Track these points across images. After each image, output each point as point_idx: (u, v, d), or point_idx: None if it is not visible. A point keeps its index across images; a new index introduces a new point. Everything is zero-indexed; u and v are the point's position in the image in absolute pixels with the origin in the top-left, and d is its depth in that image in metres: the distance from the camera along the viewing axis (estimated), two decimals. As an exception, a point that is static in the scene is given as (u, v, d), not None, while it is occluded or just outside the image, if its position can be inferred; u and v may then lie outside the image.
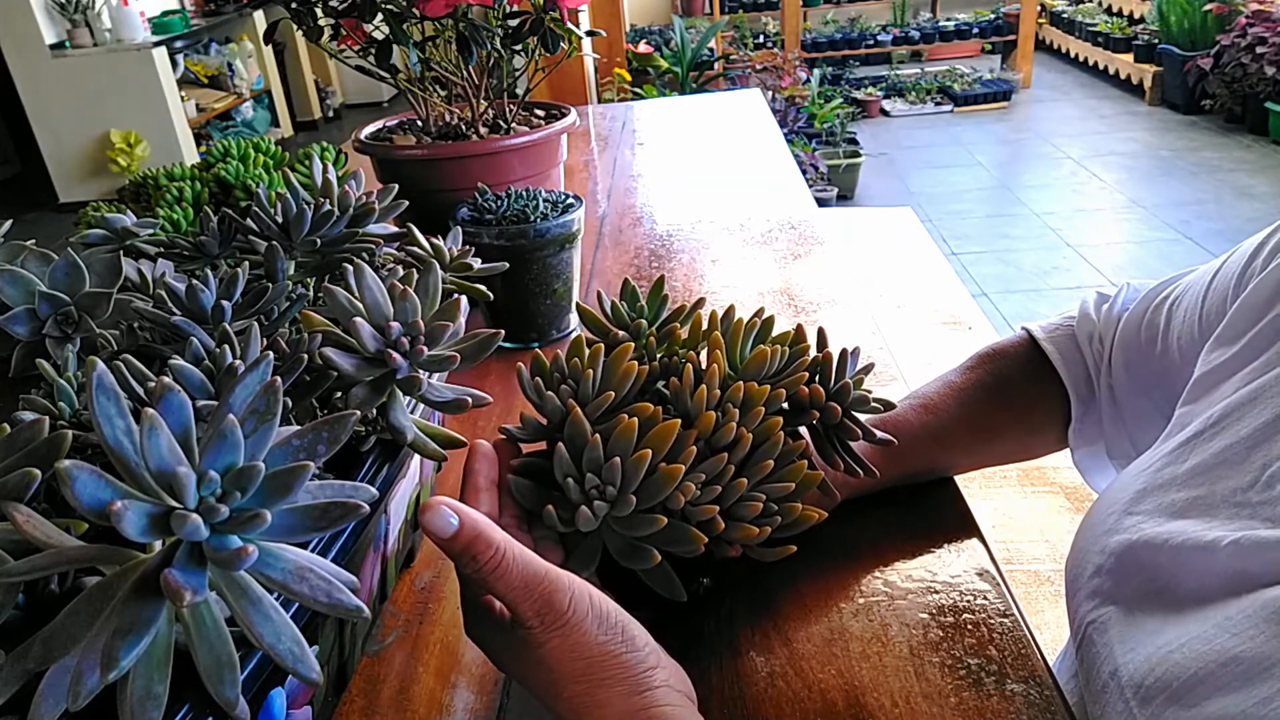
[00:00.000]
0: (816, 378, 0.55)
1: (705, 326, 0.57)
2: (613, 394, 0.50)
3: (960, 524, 0.64)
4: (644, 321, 0.58)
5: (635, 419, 0.47)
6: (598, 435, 0.48)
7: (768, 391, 0.51)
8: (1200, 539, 0.44)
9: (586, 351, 0.52)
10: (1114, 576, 0.49)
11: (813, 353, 0.56)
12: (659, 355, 0.56)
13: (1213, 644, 0.40)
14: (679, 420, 0.48)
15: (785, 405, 0.53)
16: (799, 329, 0.56)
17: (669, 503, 0.47)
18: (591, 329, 0.59)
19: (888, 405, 0.57)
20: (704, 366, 0.53)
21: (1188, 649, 0.41)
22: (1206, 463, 0.48)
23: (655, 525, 0.47)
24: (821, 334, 0.56)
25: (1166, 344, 0.61)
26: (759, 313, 0.57)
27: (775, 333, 0.57)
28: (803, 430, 0.56)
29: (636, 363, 0.51)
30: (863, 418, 0.57)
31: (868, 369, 0.56)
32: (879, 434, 0.57)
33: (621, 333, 0.57)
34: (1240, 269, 0.55)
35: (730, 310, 0.57)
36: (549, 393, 0.51)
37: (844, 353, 0.55)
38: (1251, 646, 0.39)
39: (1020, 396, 0.68)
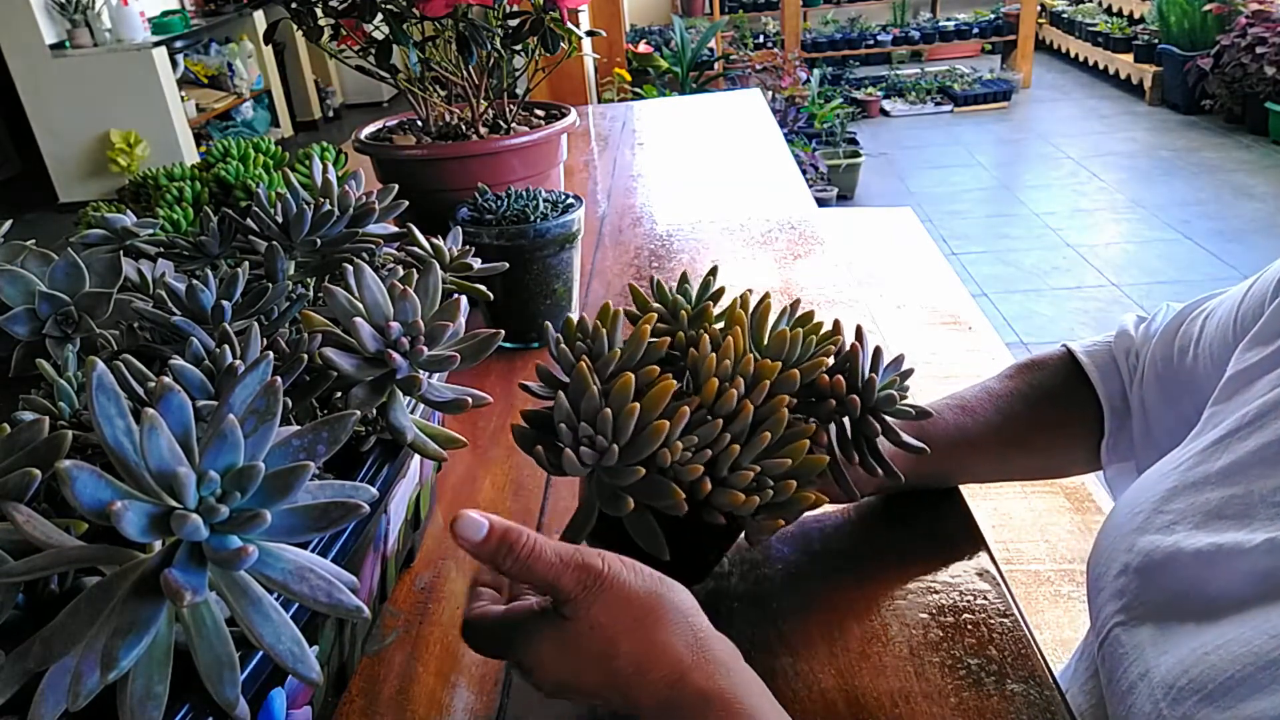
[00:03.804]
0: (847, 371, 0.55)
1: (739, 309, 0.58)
2: (619, 352, 0.51)
3: (960, 524, 0.64)
4: (680, 297, 0.59)
5: (632, 374, 0.49)
6: (595, 388, 0.49)
7: (778, 368, 0.51)
8: (1233, 541, 0.44)
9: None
10: (1141, 577, 0.49)
11: (858, 345, 0.56)
12: (691, 331, 0.56)
13: (1251, 645, 0.40)
14: (673, 380, 0.49)
15: (804, 390, 0.53)
16: (836, 324, 0.56)
17: (657, 459, 0.48)
18: (636, 304, 0.60)
19: (921, 412, 0.56)
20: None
21: (1224, 651, 0.41)
22: (1242, 461, 0.47)
23: (635, 475, 0.48)
24: (859, 331, 0.56)
25: (1198, 352, 0.60)
26: (795, 303, 0.57)
27: (818, 327, 0.57)
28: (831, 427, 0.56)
29: (649, 328, 0.53)
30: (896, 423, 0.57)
31: (906, 374, 0.56)
32: (910, 440, 0.56)
33: (659, 306, 0.59)
34: (1279, 274, 0.55)
35: (766, 297, 0.57)
36: (563, 347, 0.53)
37: (877, 350, 0.55)
38: None
39: (1056, 408, 0.67)
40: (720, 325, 0.57)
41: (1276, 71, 4.54)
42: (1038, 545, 1.64)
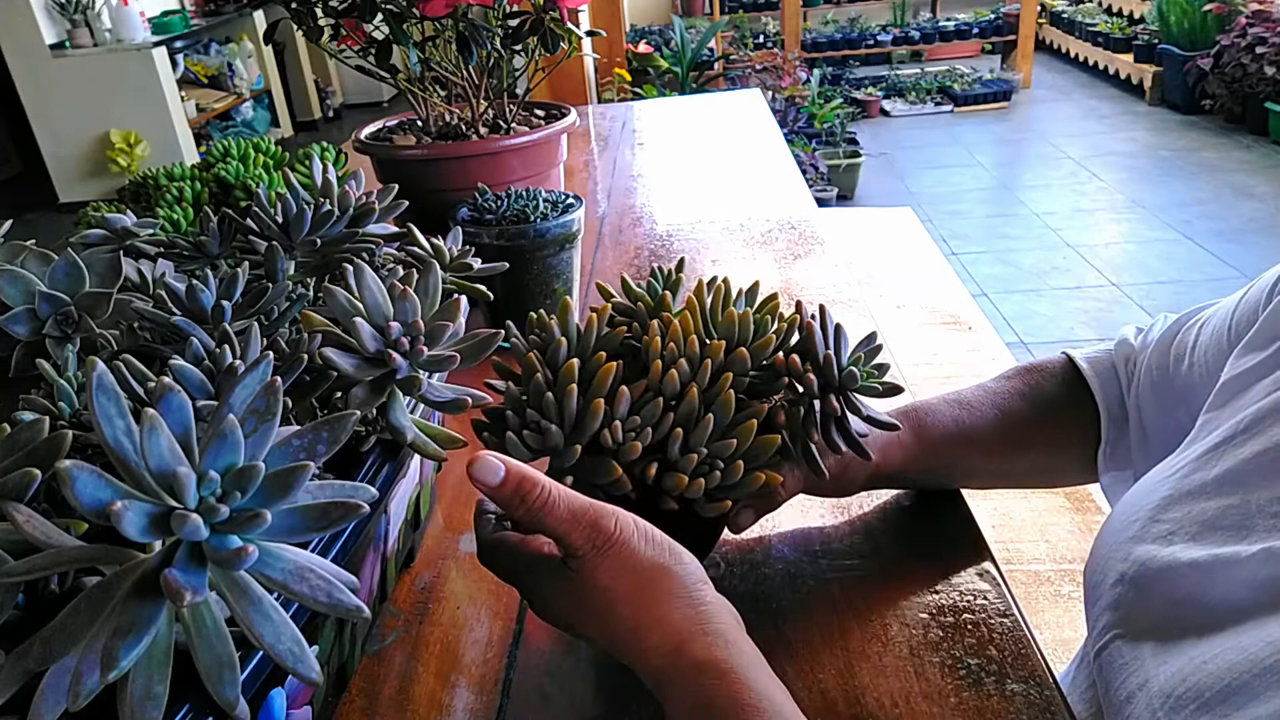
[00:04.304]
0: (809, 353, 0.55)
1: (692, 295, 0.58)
2: (563, 341, 0.52)
3: (960, 524, 0.64)
4: (642, 290, 0.59)
5: (575, 360, 0.50)
6: (540, 375, 0.50)
7: (722, 347, 0.51)
8: (1230, 552, 0.44)
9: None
10: (1137, 587, 0.49)
11: (813, 323, 0.55)
12: (648, 319, 0.56)
13: (1247, 653, 0.40)
14: (613, 364, 0.50)
15: (764, 370, 0.54)
16: (798, 305, 0.56)
17: (599, 438, 0.49)
18: (604, 298, 0.60)
19: (890, 389, 0.55)
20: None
21: (1222, 659, 0.41)
22: (1238, 470, 0.47)
23: (573, 456, 0.49)
24: (821, 310, 0.55)
25: (1193, 360, 0.60)
26: (754, 286, 0.57)
27: (775, 308, 0.57)
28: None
29: (595, 317, 0.54)
30: (880, 405, 0.57)
31: (875, 351, 0.55)
32: (882, 418, 0.56)
33: (618, 300, 0.59)
34: (1275, 279, 0.54)
35: (724, 281, 0.57)
36: (515, 340, 0.54)
37: (839, 328, 0.54)
38: None
39: (1053, 410, 0.67)
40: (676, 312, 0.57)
41: (1276, 71, 4.54)
42: (1038, 545, 1.64)
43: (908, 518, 0.65)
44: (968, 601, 0.57)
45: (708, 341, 0.52)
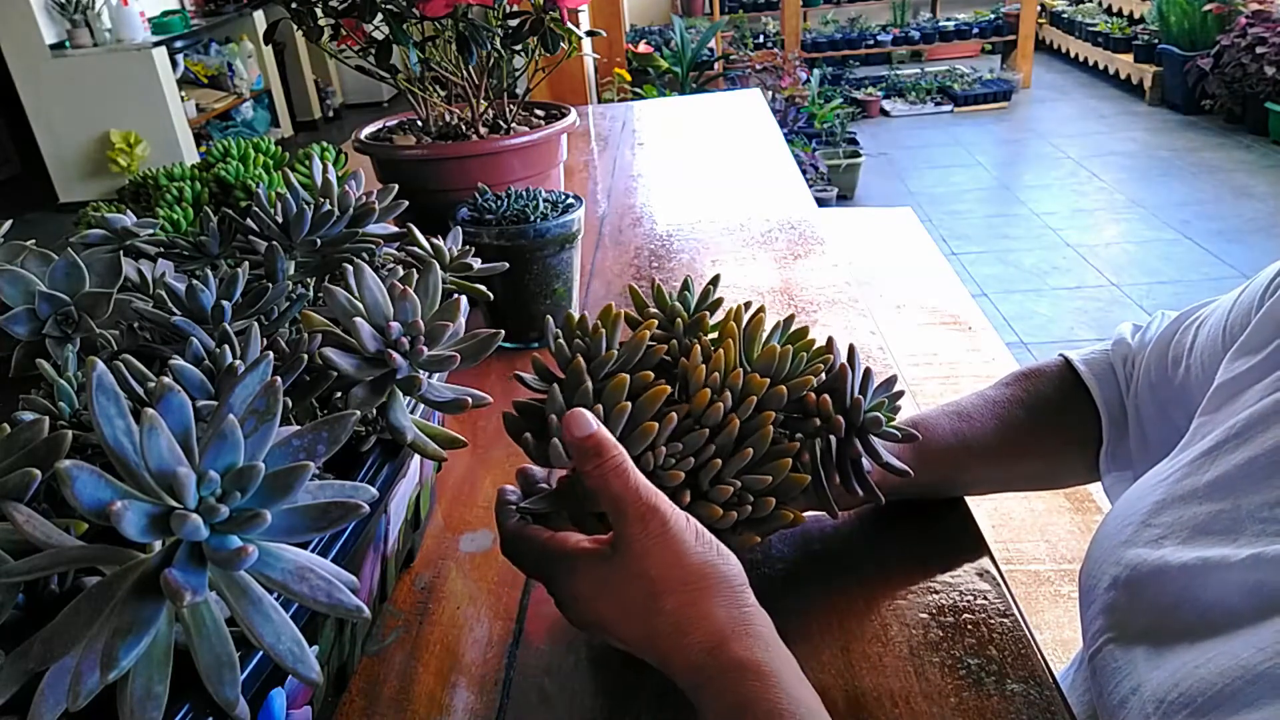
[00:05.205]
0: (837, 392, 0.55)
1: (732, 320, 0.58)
2: (614, 354, 0.52)
3: (960, 524, 0.64)
4: (679, 305, 0.59)
5: (626, 375, 0.50)
6: (587, 385, 0.50)
7: (766, 384, 0.51)
8: (1219, 556, 0.44)
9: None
10: (1129, 591, 0.49)
11: (847, 366, 0.56)
12: (685, 339, 0.56)
13: (1239, 659, 0.40)
14: (667, 386, 0.50)
15: (790, 405, 0.53)
16: (829, 341, 0.57)
17: (642, 460, 0.49)
18: (635, 308, 0.60)
19: (908, 435, 0.56)
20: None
21: (1214, 664, 0.41)
22: (1230, 475, 0.47)
23: None
24: (851, 350, 0.56)
25: (1190, 362, 0.60)
26: (790, 318, 0.58)
27: (810, 344, 0.57)
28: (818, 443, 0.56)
29: (648, 334, 0.53)
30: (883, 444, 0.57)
31: (896, 396, 0.56)
32: (895, 463, 0.57)
33: (656, 311, 0.59)
34: (1267, 282, 0.54)
35: (760, 310, 0.58)
36: (560, 342, 0.53)
37: (867, 372, 0.55)
38: None
39: (1054, 414, 0.67)
40: (715, 335, 0.57)
41: (1276, 71, 4.54)
42: (1038, 545, 1.64)
43: (908, 517, 0.65)
44: (968, 601, 0.57)
45: (745, 373, 0.52)
